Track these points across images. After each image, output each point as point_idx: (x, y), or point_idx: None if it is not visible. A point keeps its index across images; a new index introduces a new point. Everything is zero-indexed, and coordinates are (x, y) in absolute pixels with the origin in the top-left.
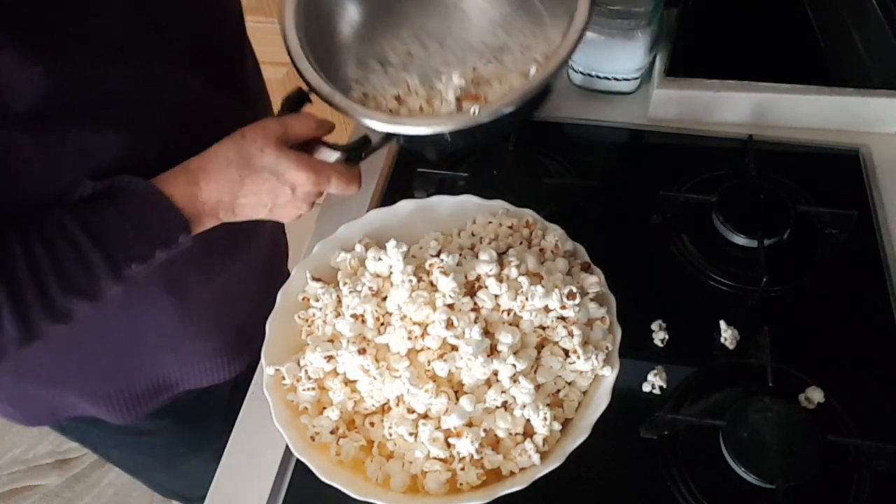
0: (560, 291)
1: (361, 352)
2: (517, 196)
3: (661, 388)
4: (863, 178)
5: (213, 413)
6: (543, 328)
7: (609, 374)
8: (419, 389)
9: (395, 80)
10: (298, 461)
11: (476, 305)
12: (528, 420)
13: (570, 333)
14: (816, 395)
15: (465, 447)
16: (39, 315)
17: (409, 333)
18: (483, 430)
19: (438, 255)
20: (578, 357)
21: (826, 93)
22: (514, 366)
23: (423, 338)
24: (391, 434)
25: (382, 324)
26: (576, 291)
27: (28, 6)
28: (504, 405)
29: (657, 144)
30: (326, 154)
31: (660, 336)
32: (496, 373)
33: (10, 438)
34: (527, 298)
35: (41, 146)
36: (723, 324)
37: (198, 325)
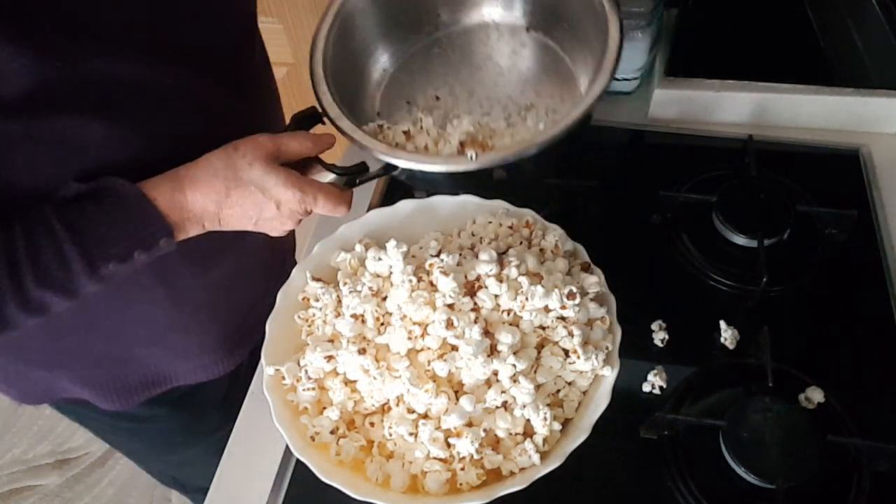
0: (560, 291)
1: (361, 352)
2: (517, 196)
3: (661, 388)
4: (863, 178)
5: (211, 404)
6: (543, 328)
7: (609, 374)
8: (419, 389)
9: (414, 119)
10: (298, 461)
11: (476, 305)
12: (528, 420)
13: (570, 333)
14: (816, 395)
15: (465, 447)
16: (12, 305)
17: (409, 333)
18: (483, 430)
19: (438, 255)
20: (578, 357)
21: (826, 93)
22: (514, 366)
23: (423, 338)
24: (391, 434)
25: (382, 324)
26: (576, 291)
27: None
28: (504, 405)
29: (657, 144)
30: (320, 174)
31: (660, 336)
32: (496, 373)
33: (10, 438)
34: (527, 298)
35: (28, 135)
36: (723, 324)
37: (190, 320)
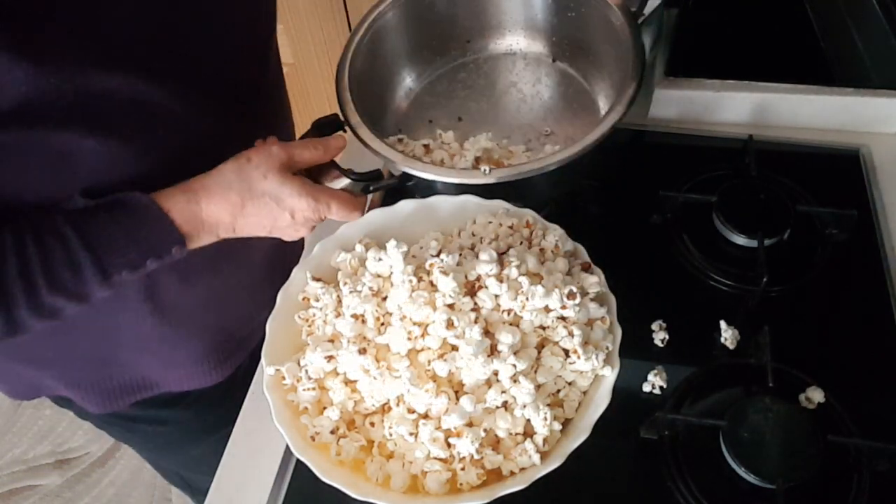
0: (560, 291)
1: (362, 352)
2: (517, 196)
3: (662, 388)
4: (863, 178)
5: (208, 405)
6: (544, 328)
7: (609, 374)
8: (419, 389)
9: (434, 136)
10: (298, 461)
11: (476, 305)
12: (529, 420)
13: (571, 333)
14: (817, 395)
15: (466, 447)
16: (25, 309)
17: (409, 333)
18: (483, 430)
19: (438, 255)
20: (579, 357)
21: (826, 93)
22: (515, 366)
23: (424, 338)
24: (391, 434)
25: (383, 324)
26: (576, 291)
27: (20, 4)
28: (504, 405)
29: (657, 144)
30: (336, 179)
31: (660, 336)
32: (496, 373)
33: (10, 438)
34: (527, 298)
35: (20, 146)
36: (723, 324)
37: (177, 331)
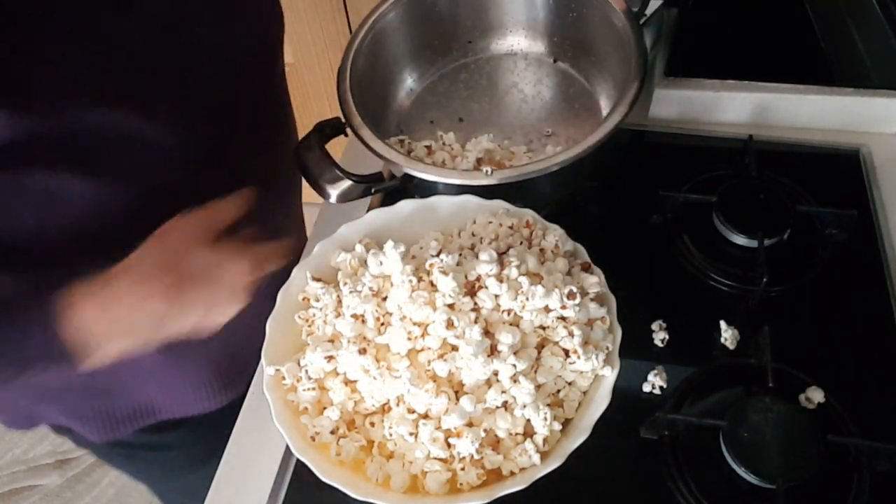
0: (560, 291)
1: (362, 352)
2: (517, 196)
3: (661, 388)
4: (863, 178)
5: (210, 430)
6: (543, 328)
7: (609, 374)
8: (419, 389)
9: (436, 137)
10: (298, 461)
11: (476, 305)
12: (529, 420)
13: (571, 333)
14: (817, 395)
15: (466, 447)
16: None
17: (409, 333)
18: (483, 430)
19: (438, 255)
20: (579, 357)
21: (826, 93)
22: (515, 366)
23: (424, 338)
24: (391, 434)
25: (383, 324)
26: (576, 291)
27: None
28: (504, 405)
29: (657, 144)
30: (338, 181)
31: (660, 336)
32: (496, 373)
33: (10, 438)
34: (527, 298)
35: (4, 185)
36: (723, 324)
37: (178, 359)
